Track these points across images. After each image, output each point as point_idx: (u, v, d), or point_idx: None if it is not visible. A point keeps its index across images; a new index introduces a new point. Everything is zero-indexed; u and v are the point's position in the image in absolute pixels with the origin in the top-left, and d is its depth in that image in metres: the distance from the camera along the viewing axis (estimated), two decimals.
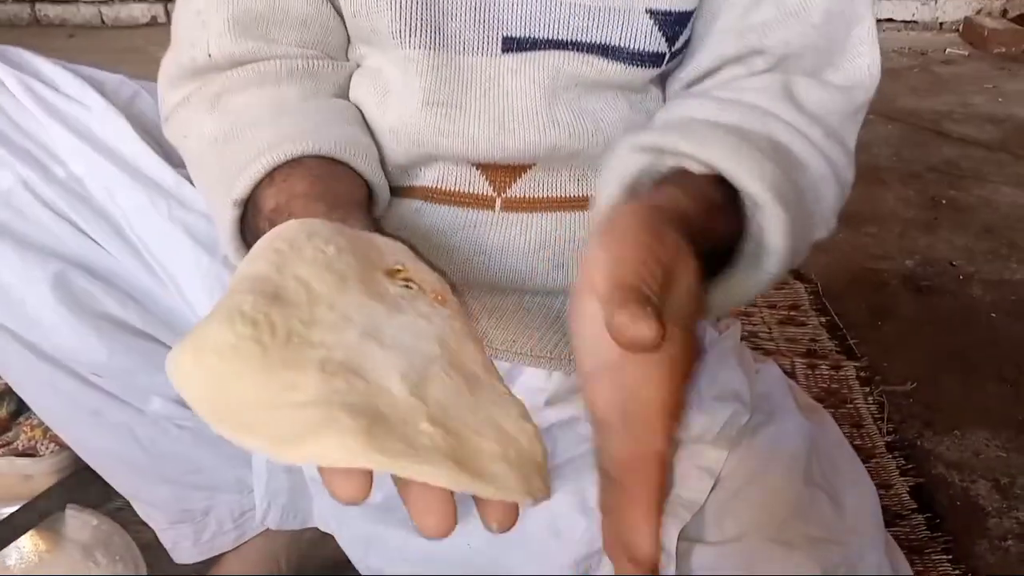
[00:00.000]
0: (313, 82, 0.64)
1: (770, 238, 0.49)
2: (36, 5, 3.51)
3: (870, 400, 1.29)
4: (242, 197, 0.55)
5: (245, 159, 0.55)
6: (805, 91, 0.60)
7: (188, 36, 0.64)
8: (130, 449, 0.81)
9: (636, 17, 0.60)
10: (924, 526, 1.07)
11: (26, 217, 0.70)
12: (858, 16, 0.62)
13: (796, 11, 0.60)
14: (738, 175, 0.49)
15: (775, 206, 0.49)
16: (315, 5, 0.63)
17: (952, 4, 3.52)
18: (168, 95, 0.66)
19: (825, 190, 0.59)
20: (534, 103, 0.62)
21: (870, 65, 0.63)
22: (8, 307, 0.71)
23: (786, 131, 0.57)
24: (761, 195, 0.49)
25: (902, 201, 1.97)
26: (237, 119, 0.60)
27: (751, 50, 0.62)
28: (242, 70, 0.62)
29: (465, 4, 0.60)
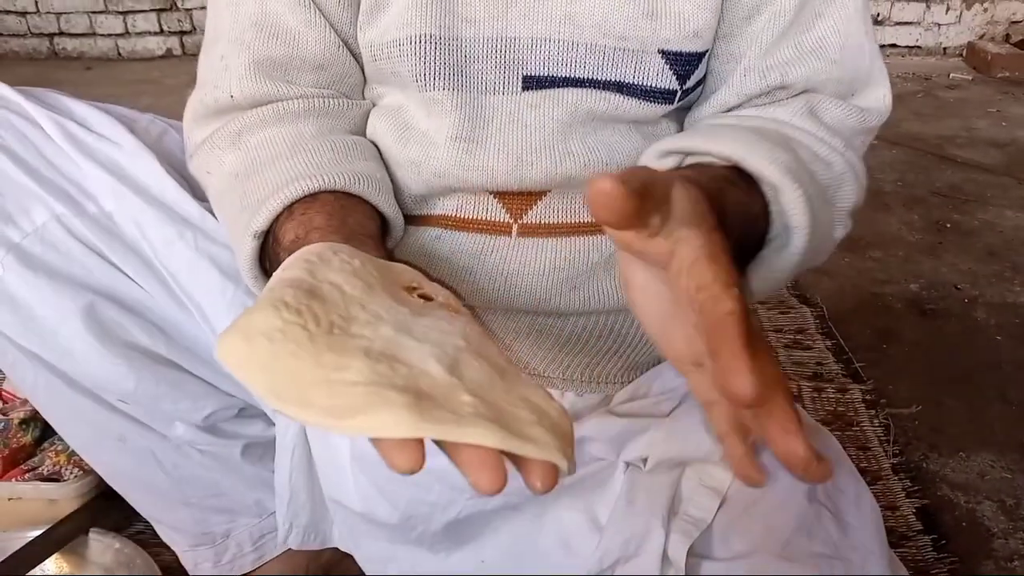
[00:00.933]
0: (329, 119, 0.67)
1: (792, 217, 0.53)
2: (55, 39, 3.58)
3: (876, 423, 1.30)
4: (262, 229, 0.58)
5: (265, 193, 0.59)
6: (825, 108, 0.65)
7: (212, 78, 0.67)
8: (153, 473, 0.83)
9: (649, 58, 0.63)
10: (930, 547, 1.08)
11: (59, 251, 0.73)
12: (873, 51, 0.67)
13: (814, 49, 0.64)
14: (751, 160, 0.53)
15: (791, 185, 0.53)
16: (331, 50, 0.67)
17: (955, 29, 3.55)
18: (193, 133, 0.69)
19: (846, 186, 0.63)
20: (551, 136, 0.65)
21: (885, 95, 0.68)
22: (41, 337, 0.74)
23: (803, 135, 0.62)
24: (775, 176, 0.53)
25: (906, 225, 1.99)
26: (256, 155, 0.63)
27: (775, 87, 0.66)
28: (262, 109, 0.65)
29: (487, 48, 0.63)
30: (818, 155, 0.61)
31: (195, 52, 3.57)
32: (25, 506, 1.02)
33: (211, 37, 0.69)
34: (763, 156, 0.53)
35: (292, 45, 0.66)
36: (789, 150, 0.58)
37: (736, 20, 0.65)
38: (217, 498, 0.88)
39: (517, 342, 0.69)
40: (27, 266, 0.72)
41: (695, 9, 0.62)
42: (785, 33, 0.64)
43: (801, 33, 0.64)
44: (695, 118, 0.70)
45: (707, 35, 0.64)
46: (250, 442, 0.86)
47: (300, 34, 0.65)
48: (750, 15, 0.64)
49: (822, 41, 0.64)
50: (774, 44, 0.65)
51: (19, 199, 0.72)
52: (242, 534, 0.91)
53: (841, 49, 0.65)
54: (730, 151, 0.54)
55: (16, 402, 1.16)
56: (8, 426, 1.10)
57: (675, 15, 0.62)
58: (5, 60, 3.56)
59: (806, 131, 0.63)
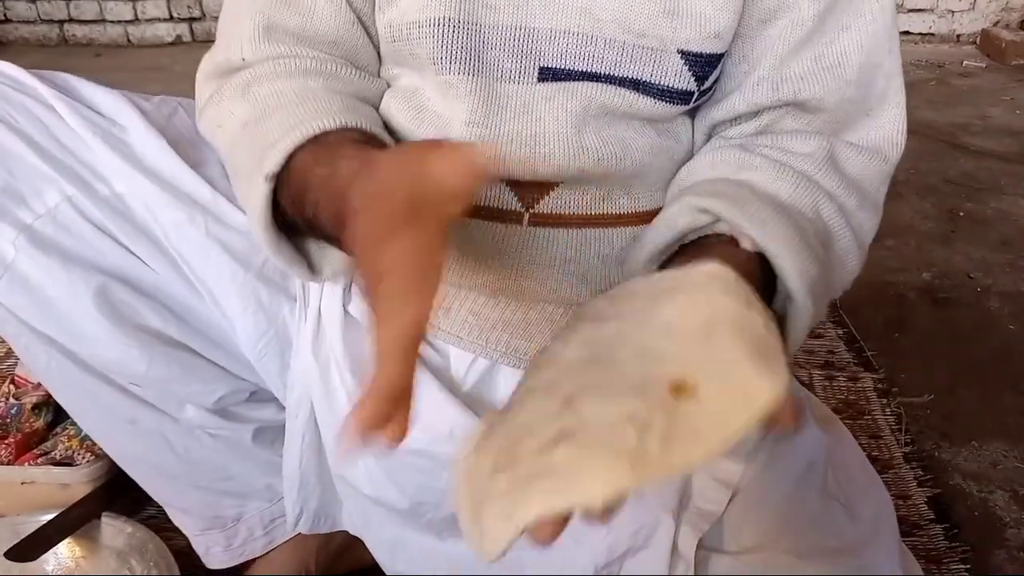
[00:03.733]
0: (337, 82, 0.66)
1: (792, 332, 0.56)
2: (64, 25, 3.58)
3: (888, 412, 1.30)
4: (273, 171, 0.56)
5: (276, 136, 0.57)
6: (846, 159, 0.65)
7: (225, 40, 0.67)
8: (164, 456, 0.84)
9: (668, 57, 0.62)
10: (942, 536, 1.07)
11: (71, 233, 0.73)
12: (896, 70, 0.66)
13: (832, 65, 0.64)
14: (785, 269, 0.55)
15: (807, 304, 0.55)
16: (346, 27, 0.66)
17: (969, 16, 3.52)
18: (203, 89, 0.69)
19: (848, 262, 0.65)
20: (564, 129, 0.64)
21: (901, 119, 0.67)
22: (53, 319, 0.74)
23: (829, 205, 0.63)
24: (799, 294, 0.55)
25: (919, 214, 1.97)
26: (266, 104, 0.62)
27: (786, 102, 0.65)
28: (272, 63, 0.65)
29: (506, 35, 0.62)
30: (832, 235, 0.63)
31: (205, 39, 3.58)
32: (38, 490, 1.02)
33: (229, 3, 0.69)
34: (796, 267, 0.55)
35: (307, 16, 0.65)
36: (816, 247, 0.59)
37: (752, 22, 0.64)
38: (228, 482, 0.88)
39: (527, 332, 0.69)
40: (39, 248, 0.72)
41: (716, 10, 0.61)
42: (805, 43, 0.64)
43: (824, 45, 0.64)
44: (707, 121, 0.69)
45: (727, 37, 0.63)
46: (261, 426, 0.86)
47: (315, 6, 0.65)
48: (766, 19, 0.64)
49: (843, 57, 0.64)
50: (792, 54, 0.64)
51: (32, 181, 0.72)
52: (253, 518, 0.91)
53: (859, 68, 0.64)
54: (771, 249, 0.56)
55: (29, 387, 1.16)
56: (21, 411, 1.11)
57: (696, 15, 0.61)
58: (15, 47, 3.56)
59: (830, 196, 0.63)
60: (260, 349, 0.79)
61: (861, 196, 0.64)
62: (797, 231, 0.58)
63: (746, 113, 0.67)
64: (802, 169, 0.63)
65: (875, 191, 0.67)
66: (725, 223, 0.58)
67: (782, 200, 0.61)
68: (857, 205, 0.64)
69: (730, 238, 0.58)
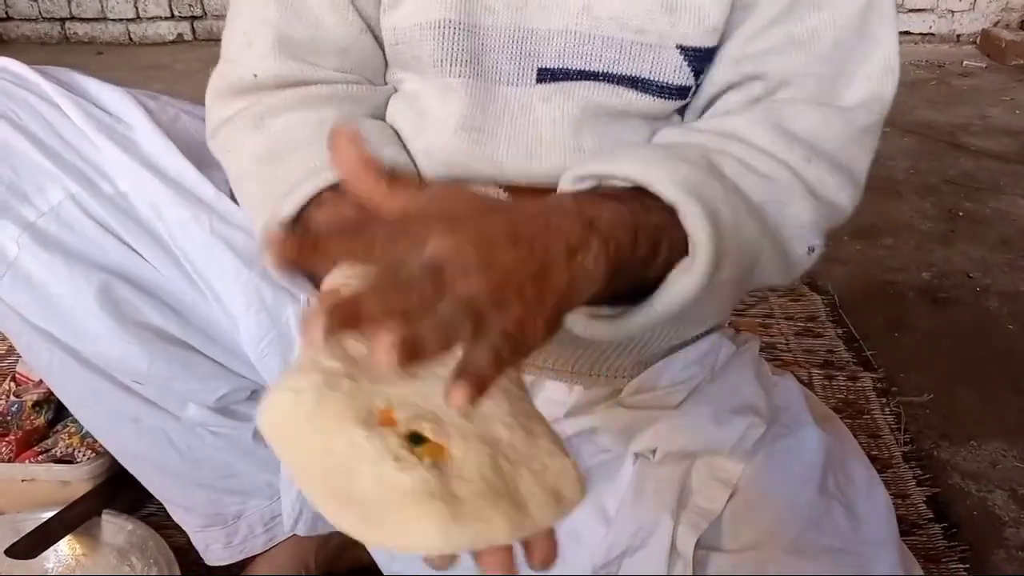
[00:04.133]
0: (351, 105, 0.66)
1: (692, 233, 0.50)
2: (66, 23, 3.58)
3: (887, 411, 1.30)
4: (290, 217, 0.57)
5: (291, 183, 0.58)
6: (795, 116, 0.61)
7: (235, 55, 0.67)
8: (166, 454, 0.84)
9: (667, 53, 0.62)
10: (941, 535, 1.08)
11: (74, 231, 0.73)
12: (876, 40, 0.63)
13: (803, 40, 0.62)
14: (650, 179, 0.50)
15: (688, 201, 0.50)
16: (354, 34, 0.66)
17: (969, 16, 3.53)
18: (215, 109, 0.69)
19: (796, 202, 0.60)
20: (561, 130, 0.64)
21: (880, 93, 0.63)
22: (56, 316, 0.74)
23: (741, 148, 0.59)
24: (672, 193, 0.50)
25: (919, 213, 1.98)
26: (279, 140, 0.63)
27: (747, 76, 0.63)
28: (285, 93, 0.65)
29: (504, 37, 0.62)
30: (755, 169, 0.58)
31: (206, 37, 3.57)
32: (38, 487, 1.02)
33: (234, 11, 0.69)
34: (663, 175, 0.51)
35: (314, 26, 0.65)
36: (702, 167, 0.55)
37: (737, 11, 0.63)
38: (229, 480, 0.88)
39: None
40: (42, 245, 0.72)
41: (712, 3, 0.61)
42: (776, 21, 0.62)
43: (793, 22, 0.62)
44: (692, 113, 0.68)
45: (723, 29, 0.63)
46: None
47: (323, 15, 0.65)
48: (748, 4, 0.63)
49: (814, 33, 0.62)
50: (760, 31, 0.62)
51: (35, 178, 0.72)
52: (253, 516, 0.92)
53: (835, 43, 0.62)
54: (630, 171, 0.52)
55: (30, 384, 1.16)
56: (21, 408, 1.11)
57: (694, 9, 0.61)
58: (17, 44, 3.56)
59: (750, 144, 0.59)
60: (263, 348, 0.79)
61: (809, 151, 0.61)
62: (666, 152, 0.55)
63: (714, 95, 0.65)
64: (725, 128, 0.61)
65: (839, 149, 0.62)
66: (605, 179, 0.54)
67: (667, 143, 0.60)
68: (804, 158, 0.60)
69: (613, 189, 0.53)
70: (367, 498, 0.37)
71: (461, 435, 0.40)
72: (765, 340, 1.46)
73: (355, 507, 0.37)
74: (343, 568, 0.98)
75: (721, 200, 0.53)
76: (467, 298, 0.38)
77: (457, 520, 0.36)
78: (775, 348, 1.45)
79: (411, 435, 0.39)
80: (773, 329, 1.51)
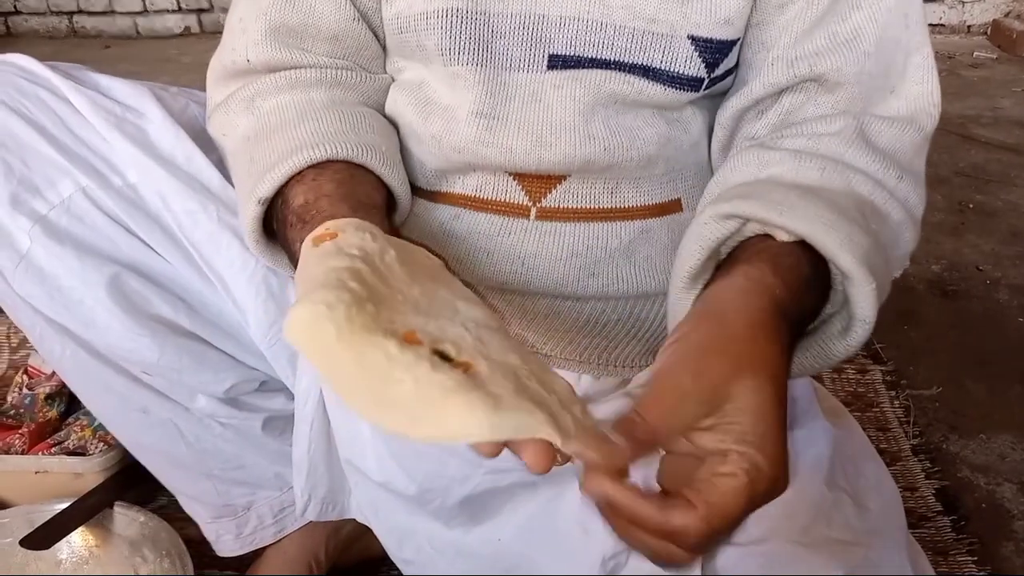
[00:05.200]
0: (341, 90, 0.67)
1: (859, 309, 0.53)
2: (74, 17, 3.59)
3: (896, 404, 1.30)
4: (267, 196, 0.59)
5: (272, 160, 0.60)
6: (877, 133, 0.63)
7: (231, 41, 0.69)
8: (176, 445, 0.84)
9: (678, 43, 0.62)
10: (949, 528, 1.08)
11: (85, 223, 0.74)
12: (916, 44, 0.65)
13: (848, 40, 0.63)
14: (828, 247, 0.52)
15: (866, 278, 0.52)
16: (347, 22, 0.67)
17: (980, 7, 3.50)
18: (212, 92, 0.71)
19: (903, 235, 0.62)
20: (572, 118, 0.64)
21: (932, 92, 0.65)
22: (67, 308, 0.75)
23: (865, 183, 0.60)
24: (853, 268, 0.52)
25: (929, 206, 1.93)
26: (267, 121, 0.65)
27: (803, 78, 0.64)
28: (276, 75, 0.66)
29: (514, 23, 0.62)
30: (878, 209, 0.59)
31: (213, 30, 3.57)
32: (51, 479, 1.03)
33: (235, 1, 0.70)
34: (839, 241, 0.52)
35: (308, 14, 0.66)
36: (859, 220, 0.56)
37: (769, 8, 0.64)
38: (239, 471, 0.88)
39: (534, 325, 0.69)
40: (54, 238, 0.72)
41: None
42: (819, 22, 0.63)
43: (836, 23, 0.63)
44: (728, 112, 0.68)
45: (739, 23, 0.63)
46: (271, 416, 0.87)
47: (316, 3, 0.66)
48: (783, 3, 0.63)
49: (857, 31, 0.63)
50: (806, 33, 0.63)
51: (46, 172, 0.73)
52: (263, 506, 0.92)
53: (877, 41, 0.63)
54: (806, 232, 0.53)
55: (42, 377, 1.17)
56: (34, 401, 1.12)
57: (707, 0, 0.61)
58: (25, 38, 3.57)
59: (865, 173, 0.60)
60: (271, 337, 0.79)
61: (899, 168, 0.62)
62: (831, 207, 0.55)
63: (765, 97, 0.66)
64: (829, 151, 0.61)
65: (910, 162, 0.64)
66: (755, 223, 0.56)
67: (810, 185, 0.59)
68: (897, 177, 0.62)
69: (765, 236, 0.56)
70: (407, 400, 0.38)
71: (483, 357, 0.41)
72: None
73: (397, 409, 0.38)
74: (353, 558, 0.99)
75: (877, 264, 0.54)
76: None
77: (501, 408, 0.38)
78: None
79: (437, 353, 0.41)
80: None
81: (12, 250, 0.73)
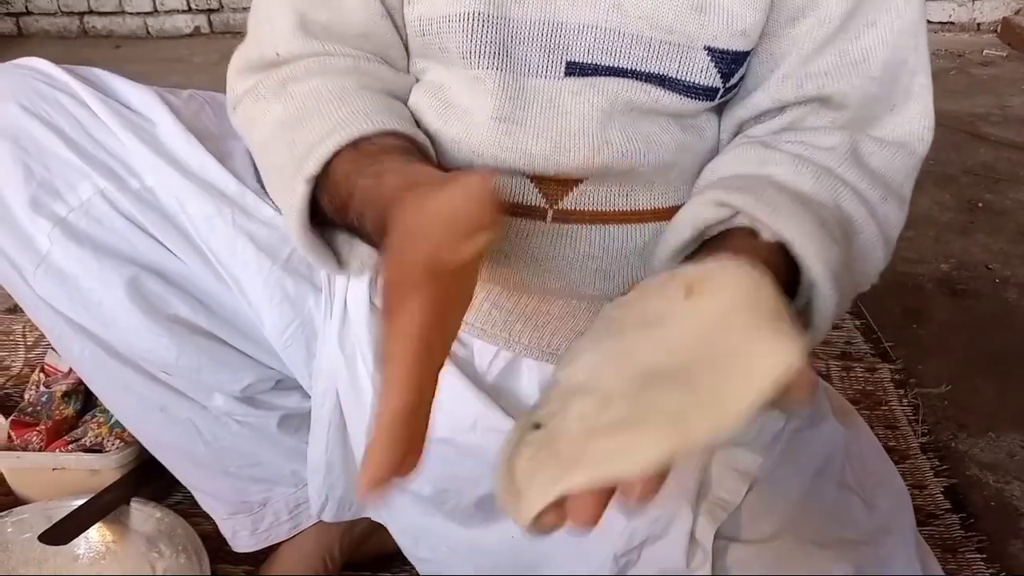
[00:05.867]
0: (370, 79, 0.66)
1: (816, 321, 0.56)
2: (84, 17, 3.61)
3: (905, 402, 1.30)
4: (314, 173, 0.57)
5: (316, 138, 0.58)
6: (870, 153, 0.65)
7: (257, 35, 0.68)
8: (193, 443, 0.86)
9: (694, 53, 0.63)
10: (958, 526, 1.08)
11: (104, 225, 0.75)
12: (922, 65, 0.66)
13: (857, 61, 0.64)
14: (806, 256, 0.55)
15: (831, 291, 0.55)
16: (375, 21, 0.67)
17: (990, 4, 3.48)
18: (236, 84, 0.69)
19: (874, 254, 0.64)
20: (590, 124, 0.65)
21: (928, 115, 0.66)
22: (86, 308, 0.76)
23: (851, 198, 0.62)
24: (821, 279, 0.55)
25: (938, 204, 1.97)
26: (303, 104, 0.62)
27: (810, 98, 0.65)
28: (307, 61, 0.65)
29: (534, 30, 0.63)
30: (856, 226, 0.62)
31: (223, 30, 3.57)
32: (69, 476, 1.04)
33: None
34: (817, 253, 0.55)
35: (336, 10, 0.66)
36: (838, 235, 0.59)
37: (780, 20, 0.64)
38: (255, 468, 0.90)
39: (549, 325, 0.70)
40: (73, 239, 0.74)
41: (744, 7, 0.62)
42: (831, 40, 0.64)
43: (848, 42, 0.64)
44: (732, 120, 0.69)
45: (754, 34, 0.63)
46: (287, 414, 0.88)
47: (345, 0, 0.66)
48: (794, 17, 0.64)
49: (867, 53, 0.63)
50: (816, 51, 0.64)
51: (66, 175, 0.74)
52: (278, 503, 0.93)
53: (884, 64, 0.64)
54: (789, 236, 0.55)
55: (58, 375, 1.19)
56: (51, 399, 1.13)
57: (724, 12, 0.62)
58: (36, 39, 3.59)
59: (853, 190, 0.63)
60: (286, 339, 0.81)
61: (886, 189, 0.64)
62: (817, 220, 0.58)
63: (771, 110, 0.67)
64: (823, 163, 0.63)
65: (900, 185, 0.66)
66: (744, 216, 0.58)
67: (803, 192, 0.61)
68: (881, 198, 0.64)
69: (750, 230, 0.58)
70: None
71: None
72: None
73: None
74: (367, 555, 1.00)
75: (844, 280, 0.57)
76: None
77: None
78: None
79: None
80: None
81: (32, 252, 0.74)
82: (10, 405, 1.20)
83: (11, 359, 1.39)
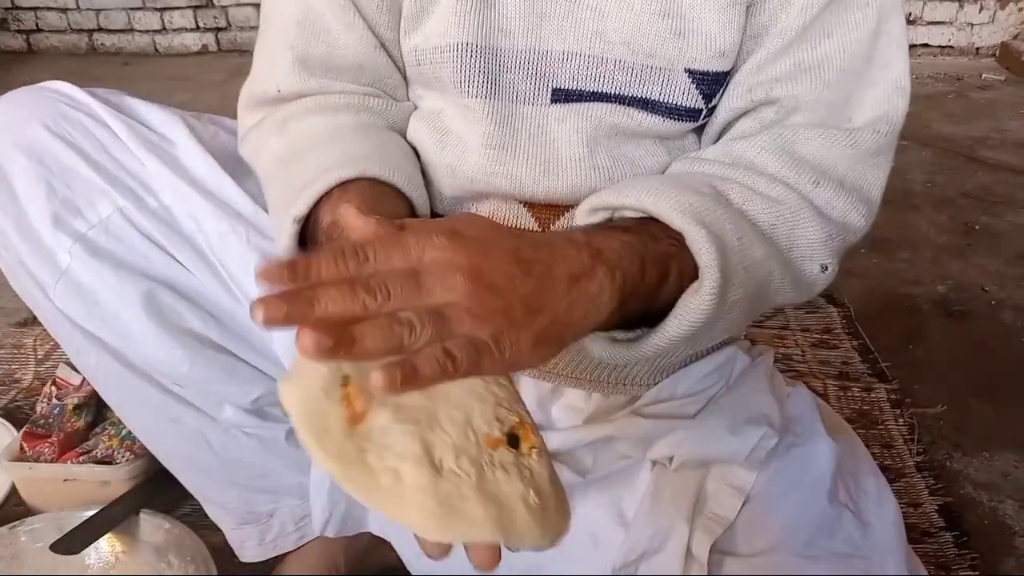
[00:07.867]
0: (368, 115, 0.70)
1: (698, 256, 0.54)
2: (93, 35, 3.65)
3: (901, 422, 1.32)
4: (302, 215, 0.60)
5: (305, 180, 0.62)
6: (803, 141, 0.65)
7: (260, 72, 0.73)
8: (203, 454, 0.88)
9: (676, 76, 0.65)
10: (952, 544, 1.09)
11: (122, 242, 0.78)
12: (885, 63, 0.66)
13: (811, 67, 0.65)
14: (660, 208, 0.55)
15: (694, 227, 0.54)
16: (369, 52, 0.70)
17: (988, 29, 3.52)
18: (244, 118, 0.75)
19: (804, 224, 0.63)
20: (577, 150, 0.67)
21: (889, 107, 0.66)
22: (103, 321, 0.78)
23: (748, 176, 0.63)
24: (678, 221, 0.54)
25: (935, 227, 1.99)
26: (299, 142, 0.67)
27: (759, 102, 0.66)
28: (306, 100, 0.70)
29: (520, 58, 0.66)
30: (762, 194, 0.62)
31: (230, 48, 3.61)
32: (80, 487, 1.06)
33: (263, 29, 0.74)
34: (670, 204, 0.55)
35: (332, 44, 0.69)
36: (707, 194, 0.59)
37: (746, 38, 0.66)
38: (262, 479, 0.92)
39: None
40: (93, 255, 0.76)
41: (721, 29, 0.64)
42: (786, 49, 0.65)
43: (805, 51, 0.65)
44: (708, 138, 0.71)
45: (732, 55, 0.65)
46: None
47: (339, 35, 0.69)
48: (757, 33, 0.65)
49: (823, 60, 0.64)
50: (770, 60, 0.65)
51: (86, 193, 0.76)
52: (285, 514, 0.95)
53: (840, 72, 0.65)
54: (639, 201, 0.56)
55: (70, 388, 1.21)
56: (63, 411, 1.15)
57: (702, 35, 0.64)
58: (46, 56, 3.63)
59: (758, 170, 0.63)
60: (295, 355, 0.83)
61: (819, 174, 0.64)
62: (672, 182, 0.59)
63: (727, 120, 0.68)
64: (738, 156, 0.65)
65: (848, 171, 0.65)
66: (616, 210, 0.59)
67: (672, 173, 0.63)
68: (812, 181, 0.64)
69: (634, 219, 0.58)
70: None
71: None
72: (781, 352, 1.48)
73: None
74: (370, 568, 1.02)
75: (726, 224, 0.57)
76: (439, 303, 0.41)
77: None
78: (791, 359, 1.47)
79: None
80: (789, 341, 1.53)
81: (53, 266, 0.76)
82: (21, 417, 1.23)
83: (22, 372, 1.41)
